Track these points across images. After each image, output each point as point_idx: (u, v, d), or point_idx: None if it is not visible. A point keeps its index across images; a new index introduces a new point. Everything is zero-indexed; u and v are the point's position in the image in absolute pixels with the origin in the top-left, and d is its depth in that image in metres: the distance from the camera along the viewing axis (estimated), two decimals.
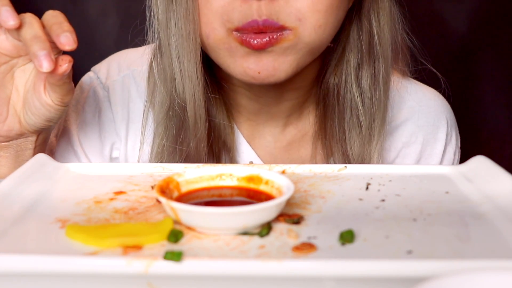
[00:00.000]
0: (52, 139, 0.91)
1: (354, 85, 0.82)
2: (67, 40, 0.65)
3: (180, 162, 0.79)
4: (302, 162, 0.89)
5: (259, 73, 0.73)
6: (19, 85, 0.74)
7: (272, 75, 0.73)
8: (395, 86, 0.89)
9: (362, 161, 0.82)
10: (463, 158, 0.69)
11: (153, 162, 0.81)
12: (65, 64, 0.67)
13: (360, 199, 0.59)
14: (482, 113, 1.51)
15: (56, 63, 0.66)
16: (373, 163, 0.82)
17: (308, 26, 0.71)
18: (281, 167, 0.68)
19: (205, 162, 0.81)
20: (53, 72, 0.66)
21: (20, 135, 0.76)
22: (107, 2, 1.45)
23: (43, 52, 0.64)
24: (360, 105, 0.82)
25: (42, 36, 0.65)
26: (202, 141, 0.79)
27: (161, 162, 0.81)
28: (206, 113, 0.79)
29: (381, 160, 0.83)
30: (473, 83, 1.50)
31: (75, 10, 1.43)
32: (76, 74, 0.94)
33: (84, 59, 1.06)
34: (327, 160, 0.86)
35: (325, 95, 0.85)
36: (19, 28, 0.66)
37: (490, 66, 1.49)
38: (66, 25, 0.66)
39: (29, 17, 0.67)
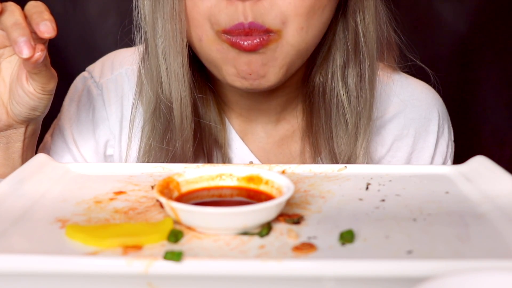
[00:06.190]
0: (47, 138, 0.92)
1: (340, 83, 0.82)
2: (47, 28, 0.66)
3: (167, 162, 0.80)
4: (293, 157, 0.89)
5: (250, 74, 0.73)
6: (5, 76, 0.76)
7: (262, 76, 0.73)
8: (386, 80, 0.90)
9: (349, 159, 0.83)
10: (464, 158, 0.69)
11: (140, 161, 0.82)
12: (38, 53, 0.67)
13: (360, 199, 0.59)
14: (482, 113, 1.51)
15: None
16: (359, 161, 0.82)
17: (291, 28, 0.72)
18: (281, 167, 0.68)
19: (192, 162, 0.81)
20: (28, 59, 0.67)
21: (9, 126, 0.77)
22: (107, 2, 1.45)
23: (23, 38, 0.65)
24: (346, 103, 0.82)
25: (23, 23, 0.67)
26: (188, 141, 0.80)
27: (148, 161, 0.81)
28: (192, 114, 0.79)
29: (368, 158, 0.84)
30: (473, 83, 1.50)
31: (75, 10, 1.43)
32: (76, 73, 0.95)
33: (84, 59, 1.06)
34: (314, 157, 0.86)
35: (311, 93, 0.85)
36: (0, 14, 0.67)
37: (490, 66, 1.48)
38: (46, 14, 0.67)
39: (10, 6, 0.69)
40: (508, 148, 1.51)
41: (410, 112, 0.91)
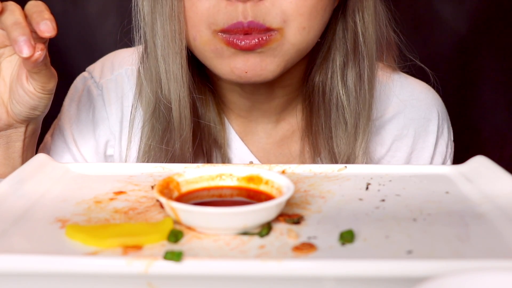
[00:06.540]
0: (47, 138, 0.92)
1: (339, 83, 0.82)
2: (47, 27, 0.66)
3: (166, 162, 0.80)
4: (293, 157, 0.89)
5: (246, 72, 0.73)
6: (5, 75, 0.76)
7: (259, 74, 0.74)
8: (385, 80, 0.90)
9: (348, 159, 0.83)
10: (464, 158, 0.69)
11: (139, 161, 0.82)
12: (38, 52, 0.67)
13: (360, 199, 0.59)
14: (482, 113, 1.51)
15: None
16: (358, 161, 0.83)
17: (293, 28, 0.72)
18: (281, 167, 0.68)
19: (191, 162, 0.82)
20: (27, 58, 0.67)
21: (9, 126, 0.77)
22: (107, 2, 1.45)
23: (23, 37, 0.65)
24: (345, 103, 0.83)
25: (23, 22, 0.67)
26: (187, 142, 0.80)
27: (147, 161, 0.81)
28: (191, 114, 0.79)
29: (367, 158, 0.84)
30: (473, 83, 1.50)
31: (75, 10, 1.43)
32: (76, 73, 0.95)
33: (84, 59, 1.06)
34: (314, 157, 0.87)
35: (311, 93, 0.85)
36: (0, 14, 0.67)
37: (490, 66, 1.48)
38: (46, 14, 0.67)
39: (11, 5, 0.69)
40: (508, 148, 1.51)
41: (409, 112, 0.91)
